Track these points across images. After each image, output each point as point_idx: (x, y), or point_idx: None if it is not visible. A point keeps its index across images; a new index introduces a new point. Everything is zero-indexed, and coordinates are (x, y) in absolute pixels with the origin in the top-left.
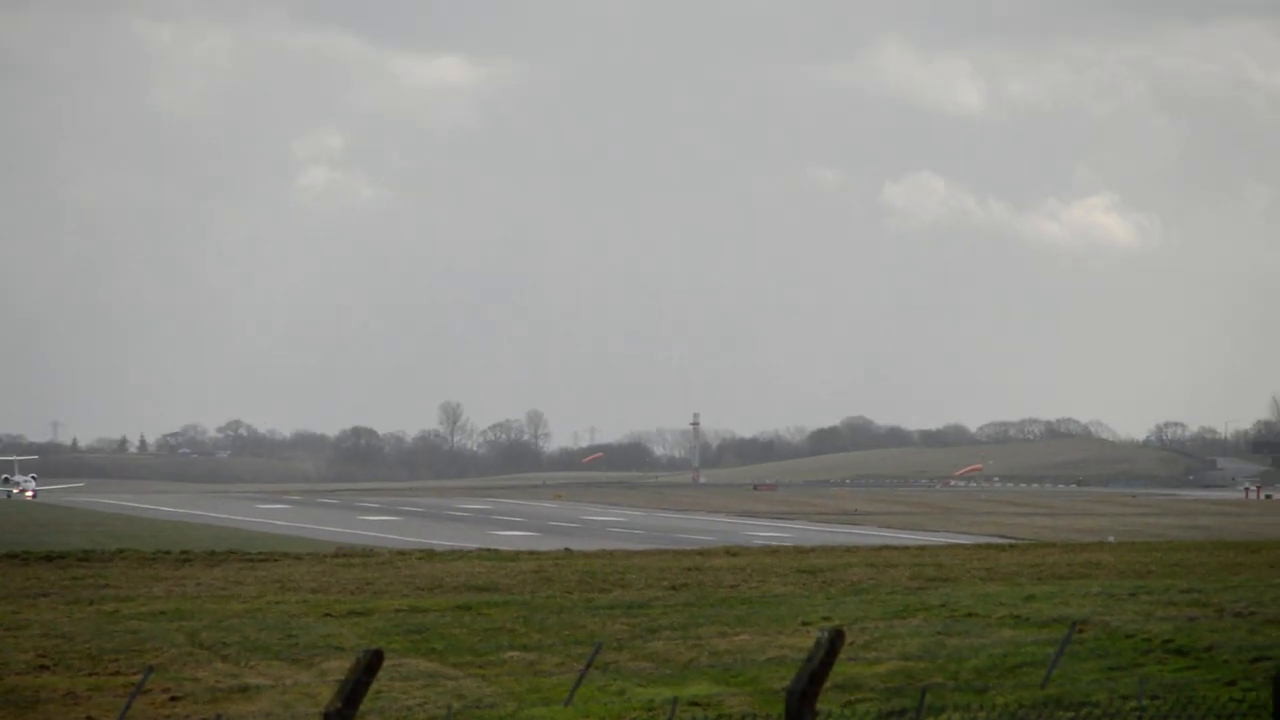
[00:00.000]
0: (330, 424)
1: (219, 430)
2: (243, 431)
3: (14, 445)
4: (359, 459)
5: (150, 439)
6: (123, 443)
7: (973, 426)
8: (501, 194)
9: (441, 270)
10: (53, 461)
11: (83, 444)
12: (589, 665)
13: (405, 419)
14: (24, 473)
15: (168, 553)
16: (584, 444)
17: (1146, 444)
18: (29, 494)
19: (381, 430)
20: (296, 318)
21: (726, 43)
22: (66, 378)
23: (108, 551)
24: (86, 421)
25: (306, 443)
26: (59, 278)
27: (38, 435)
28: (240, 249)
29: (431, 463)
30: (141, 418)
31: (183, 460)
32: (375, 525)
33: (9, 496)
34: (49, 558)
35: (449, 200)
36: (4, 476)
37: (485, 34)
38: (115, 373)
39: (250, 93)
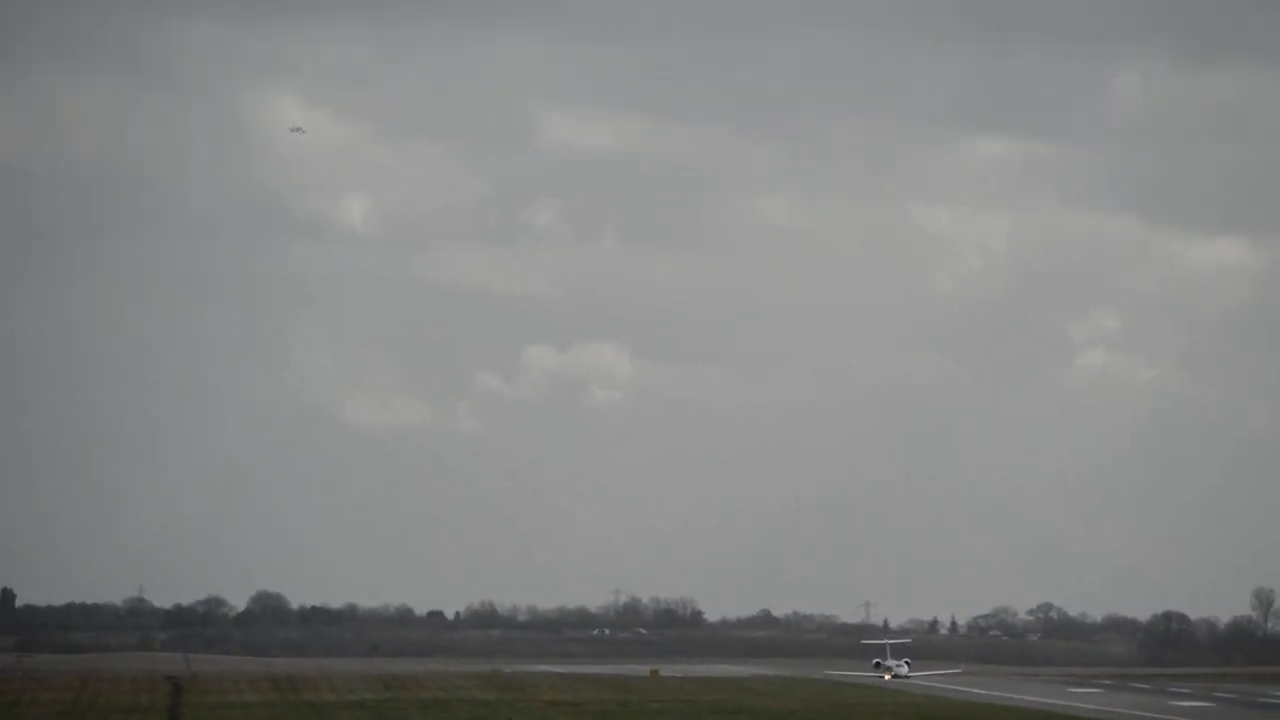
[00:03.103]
0: (1141, 607)
1: (1029, 613)
2: (1053, 614)
3: (827, 626)
4: (1170, 644)
5: (960, 620)
6: (934, 624)
7: None
8: None
9: (1237, 452)
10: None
11: (894, 624)
12: None
13: (1217, 603)
14: (895, 656)
15: None
16: None
17: None
18: (894, 677)
19: (1193, 614)
20: (1086, 496)
21: None
22: (877, 556)
23: None
24: (898, 602)
25: (1117, 626)
26: (869, 460)
27: (851, 616)
28: (1018, 430)
29: (1246, 649)
30: (952, 599)
31: (993, 642)
32: (1186, 711)
33: (884, 680)
34: None
35: (1227, 382)
36: (875, 661)
37: (1270, 215)
38: (923, 554)
39: (1025, 274)
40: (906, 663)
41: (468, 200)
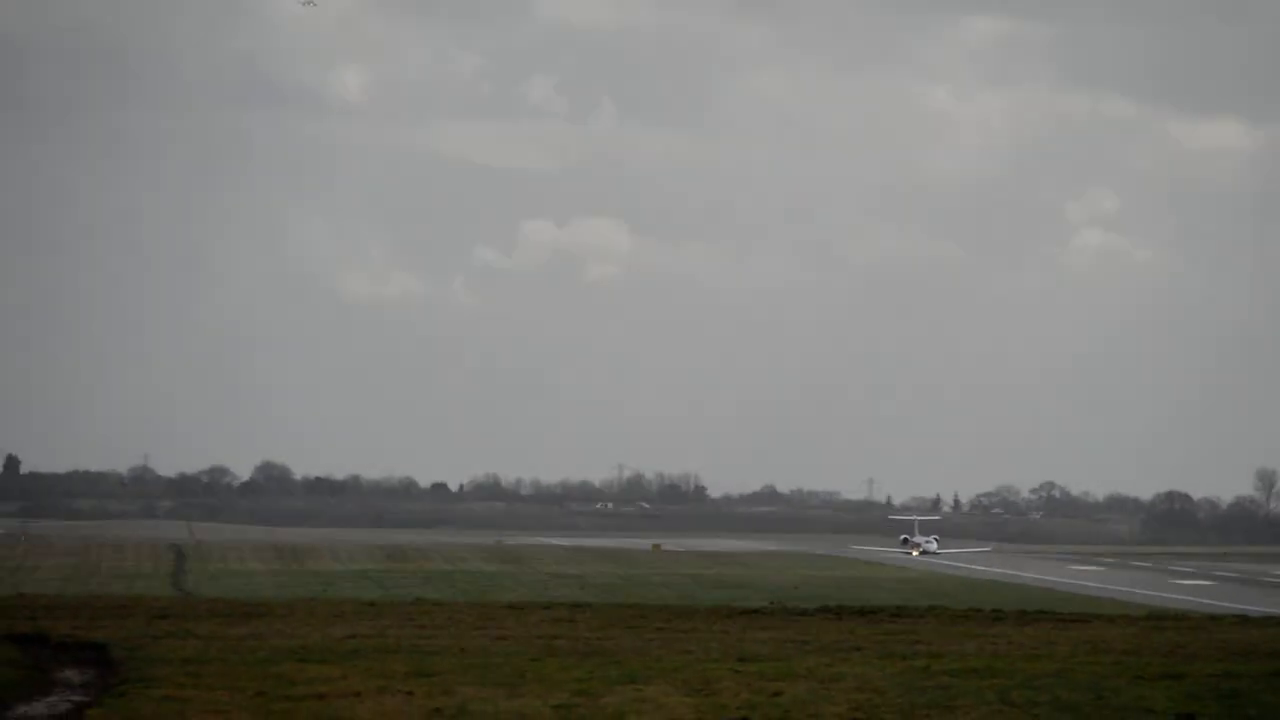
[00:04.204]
0: (1143, 487)
1: (1032, 491)
2: (1055, 493)
3: (830, 502)
4: (1172, 523)
5: (964, 498)
6: (936, 502)
7: None
8: None
9: (1240, 335)
10: (868, 518)
11: (896, 501)
12: None
13: (1219, 483)
14: (924, 533)
15: (979, 610)
16: None
17: None
18: (922, 553)
19: (1195, 494)
20: (1095, 380)
21: None
22: (883, 438)
23: (919, 608)
24: (901, 480)
25: (1119, 505)
26: (869, 339)
27: (854, 493)
28: (1017, 309)
29: (1247, 529)
30: (955, 478)
31: (995, 520)
32: (1189, 589)
33: (911, 555)
34: (862, 612)
35: (1225, 265)
36: (904, 537)
37: (1267, 96)
38: (931, 437)
39: (1023, 154)
40: (935, 539)
41: (462, 73)
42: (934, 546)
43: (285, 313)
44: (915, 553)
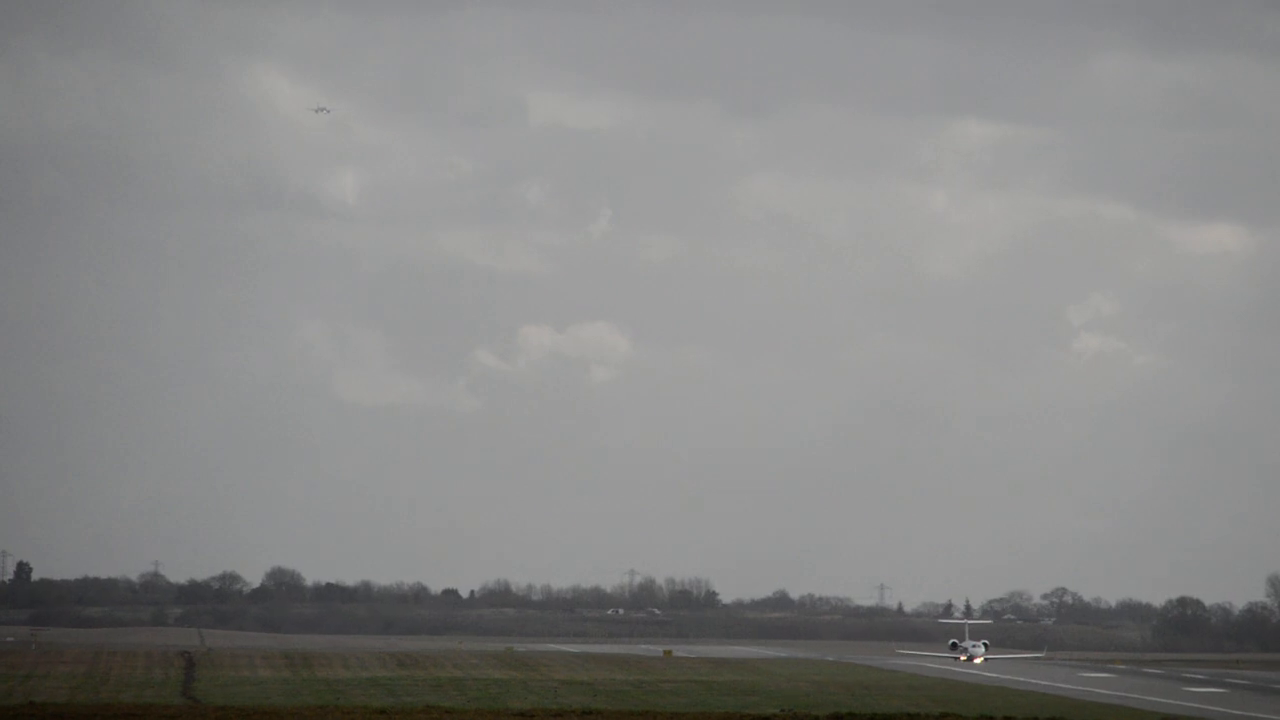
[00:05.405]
0: (1155, 593)
1: (1044, 597)
2: (1068, 599)
3: (841, 608)
4: (1184, 630)
5: (975, 604)
6: (948, 608)
7: None
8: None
9: (1251, 441)
10: (880, 624)
11: (908, 608)
12: None
13: (1231, 590)
14: (975, 638)
15: (991, 718)
16: None
17: None
18: (977, 660)
19: (1208, 601)
20: (1103, 485)
21: None
22: (893, 544)
23: (930, 716)
24: (912, 586)
25: (1131, 612)
26: (876, 444)
27: (865, 598)
28: (1020, 412)
29: (1259, 636)
30: (966, 584)
31: (1007, 626)
32: (1201, 697)
33: (959, 660)
34: (873, 719)
35: (1227, 369)
36: (952, 641)
37: (1267, 201)
38: (941, 542)
39: (1021, 258)
40: (985, 644)
41: (459, 178)
42: (981, 651)
43: (289, 417)
44: (963, 658)
